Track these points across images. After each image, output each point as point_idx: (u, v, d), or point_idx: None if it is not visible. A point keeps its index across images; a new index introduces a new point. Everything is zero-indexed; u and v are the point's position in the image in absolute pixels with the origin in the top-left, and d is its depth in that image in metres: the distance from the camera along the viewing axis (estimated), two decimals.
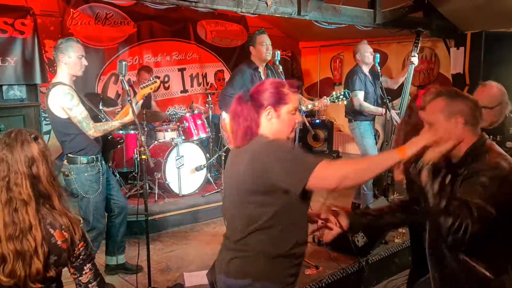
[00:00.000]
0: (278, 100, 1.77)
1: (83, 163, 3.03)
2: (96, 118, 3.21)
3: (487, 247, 1.71)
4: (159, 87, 3.16)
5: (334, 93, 4.02)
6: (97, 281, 1.76)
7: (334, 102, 3.92)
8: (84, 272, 1.73)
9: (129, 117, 3.04)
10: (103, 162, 3.21)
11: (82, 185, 3.04)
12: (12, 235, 1.54)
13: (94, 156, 3.08)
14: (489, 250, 1.72)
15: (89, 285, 1.74)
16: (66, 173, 3.05)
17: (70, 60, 3.01)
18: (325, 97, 3.94)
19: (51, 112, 2.99)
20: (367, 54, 4.57)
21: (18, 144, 1.58)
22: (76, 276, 1.73)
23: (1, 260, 1.54)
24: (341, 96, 3.97)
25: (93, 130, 2.97)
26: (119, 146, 4.14)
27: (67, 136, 3.02)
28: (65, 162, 3.08)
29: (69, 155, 3.05)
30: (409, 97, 4.79)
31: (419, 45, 4.64)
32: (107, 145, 3.32)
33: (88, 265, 1.73)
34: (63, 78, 3.02)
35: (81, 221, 1.93)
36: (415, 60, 4.68)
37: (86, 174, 3.04)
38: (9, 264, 1.53)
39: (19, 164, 1.57)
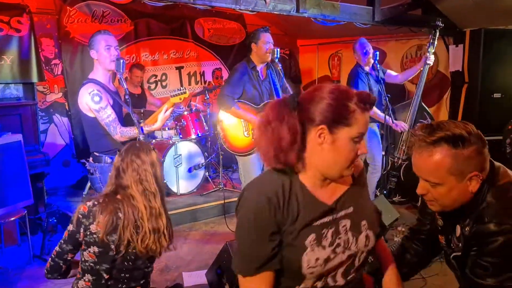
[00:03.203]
0: (339, 118, 1.27)
1: (107, 162, 2.97)
2: (128, 117, 3.15)
3: None
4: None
5: None
6: None
7: None
8: None
9: (157, 125, 3.02)
10: None
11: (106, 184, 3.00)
12: (150, 216, 2.07)
13: None
14: None
15: None
16: (91, 171, 3.01)
17: (98, 54, 2.91)
18: None
19: (80, 109, 2.96)
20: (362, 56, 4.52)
21: (144, 151, 2.12)
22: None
23: (144, 234, 2.03)
24: None
25: (119, 134, 2.92)
26: None
27: (94, 135, 2.99)
28: (90, 160, 3.04)
29: (95, 153, 3.02)
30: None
31: (436, 42, 4.43)
32: None
33: None
34: (97, 75, 2.96)
35: None
36: (430, 60, 4.47)
37: (110, 173, 2.99)
38: (148, 238, 2.04)
39: (146, 164, 2.09)
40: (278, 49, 3.89)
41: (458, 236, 1.54)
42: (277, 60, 3.88)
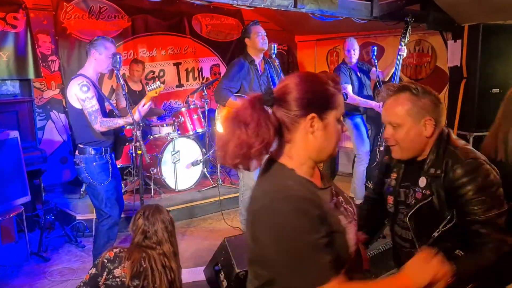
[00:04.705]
0: (325, 104, 1.28)
1: (91, 153, 3.17)
2: (111, 114, 3.37)
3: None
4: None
5: None
6: None
7: None
8: None
9: (135, 116, 3.21)
10: (113, 156, 3.34)
11: (92, 173, 3.17)
12: (178, 271, 2.33)
13: (103, 148, 3.21)
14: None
15: None
16: (77, 162, 3.20)
17: (100, 57, 3.15)
18: None
19: (68, 100, 3.16)
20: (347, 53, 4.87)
21: (164, 212, 2.38)
22: None
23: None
24: None
25: (99, 124, 3.10)
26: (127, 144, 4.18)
27: (80, 127, 3.19)
28: (76, 152, 3.23)
29: (79, 145, 3.21)
30: None
31: (407, 35, 4.55)
32: (118, 141, 3.44)
33: None
34: (87, 71, 3.19)
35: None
36: (403, 51, 4.58)
37: (94, 163, 3.16)
38: None
39: (170, 225, 2.35)
40: (275, 45, 3.90)
41: (424, 185, 1.77)
42: (274, 56, 3.88)
